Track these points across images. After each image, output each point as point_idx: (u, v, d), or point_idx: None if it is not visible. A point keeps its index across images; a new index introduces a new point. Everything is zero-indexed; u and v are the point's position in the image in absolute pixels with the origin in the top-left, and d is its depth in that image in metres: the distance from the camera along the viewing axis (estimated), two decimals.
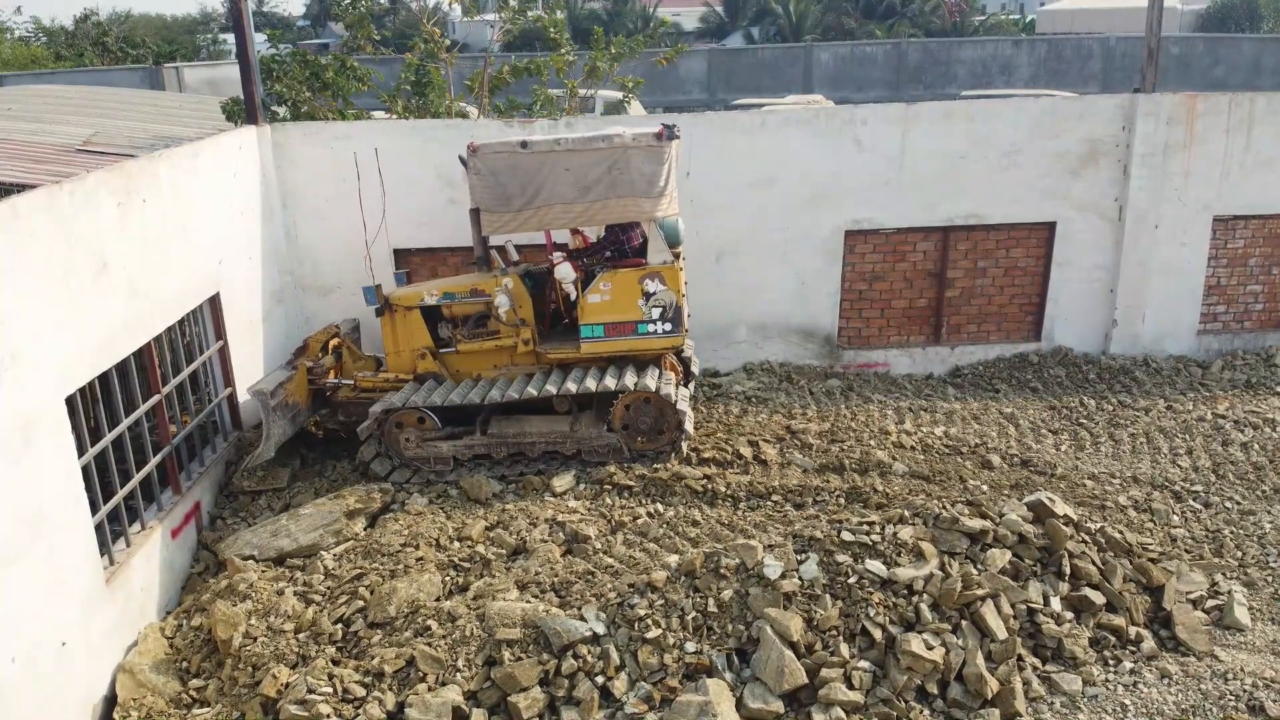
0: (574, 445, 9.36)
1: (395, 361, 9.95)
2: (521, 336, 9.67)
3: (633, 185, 9.20)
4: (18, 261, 6.35)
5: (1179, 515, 8.64)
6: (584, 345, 9.51)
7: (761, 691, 6.10)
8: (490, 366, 9.86)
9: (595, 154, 9.13)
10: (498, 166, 9.16)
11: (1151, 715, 6.25)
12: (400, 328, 9.86)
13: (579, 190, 9.20)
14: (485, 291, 9.75)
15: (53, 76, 30.34)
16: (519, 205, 9.24)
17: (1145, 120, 11.72)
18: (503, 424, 9.46)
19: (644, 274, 9.42)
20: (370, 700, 6.15)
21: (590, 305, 9.40)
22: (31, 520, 6.28)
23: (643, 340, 9.55)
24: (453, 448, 9.38)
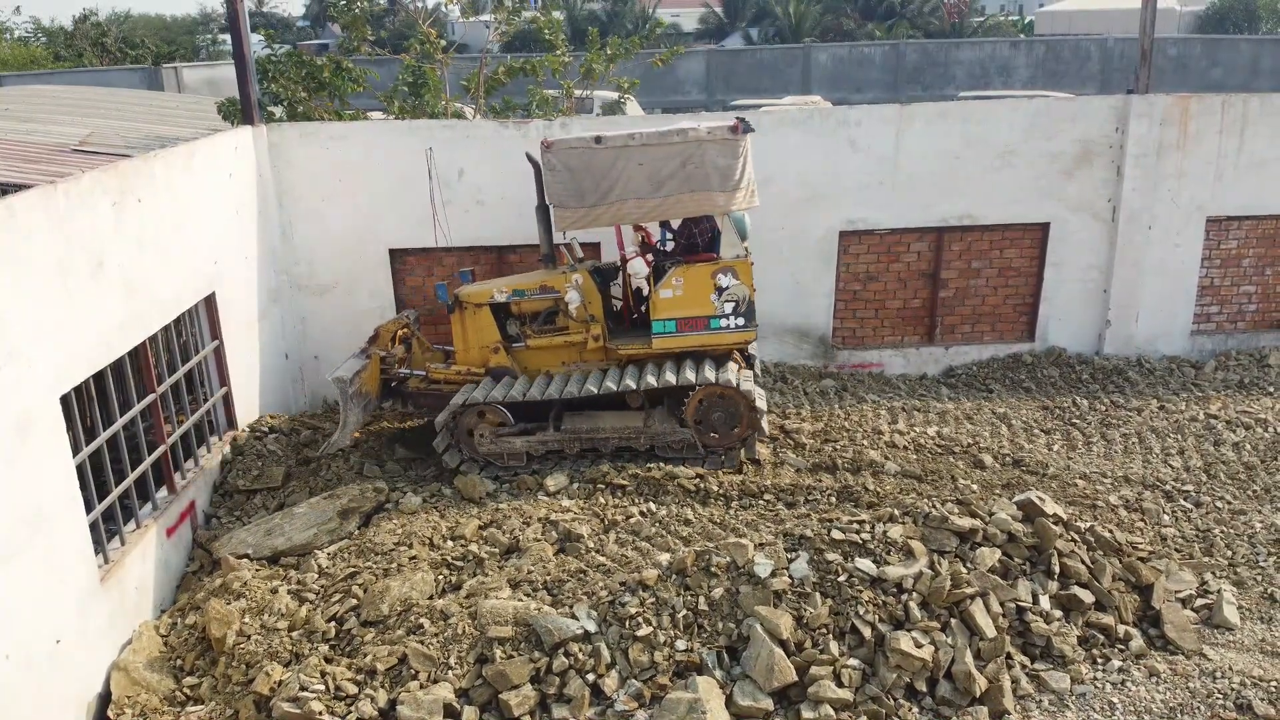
0: (647, 440, 9.34)
1: (464, 357, 9.97)
2: (592, 332, 9.66)
3: (707, 179, 9.19)
4: (13, 260, 6.38)
5: (1169, 515, 8.68)
6: (656, 341, 9.48)
7: (751, 689, 6.14)
8: (559, 362, 9.87)
9: (670, 148, 9.12)
10: (573, 162, 9.08)
11: (1139, 713, 6.29)
12: (470, 324, 9.87)
13: (653, 185, 9.18)
14: (555, 288, 9.74)
15: (51, 77, 30.36)
16: (593, 200, 9.18)
17: (1139, 121, 11.76)
18: (576, 419, 9.42)
19: (717, 268, 9.41)
20: (362, 698, 6.18)
21: (662, 300, 9.37)
22: (26, 519, 6.31)
23: (715, 335, 9.53)
24: (526, 443, 9.36)
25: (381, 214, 11.52)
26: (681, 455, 9.38)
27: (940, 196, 12.01)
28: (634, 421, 9.39)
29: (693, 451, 9.39)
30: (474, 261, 11.91)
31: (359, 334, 11.80)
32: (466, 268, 11.08)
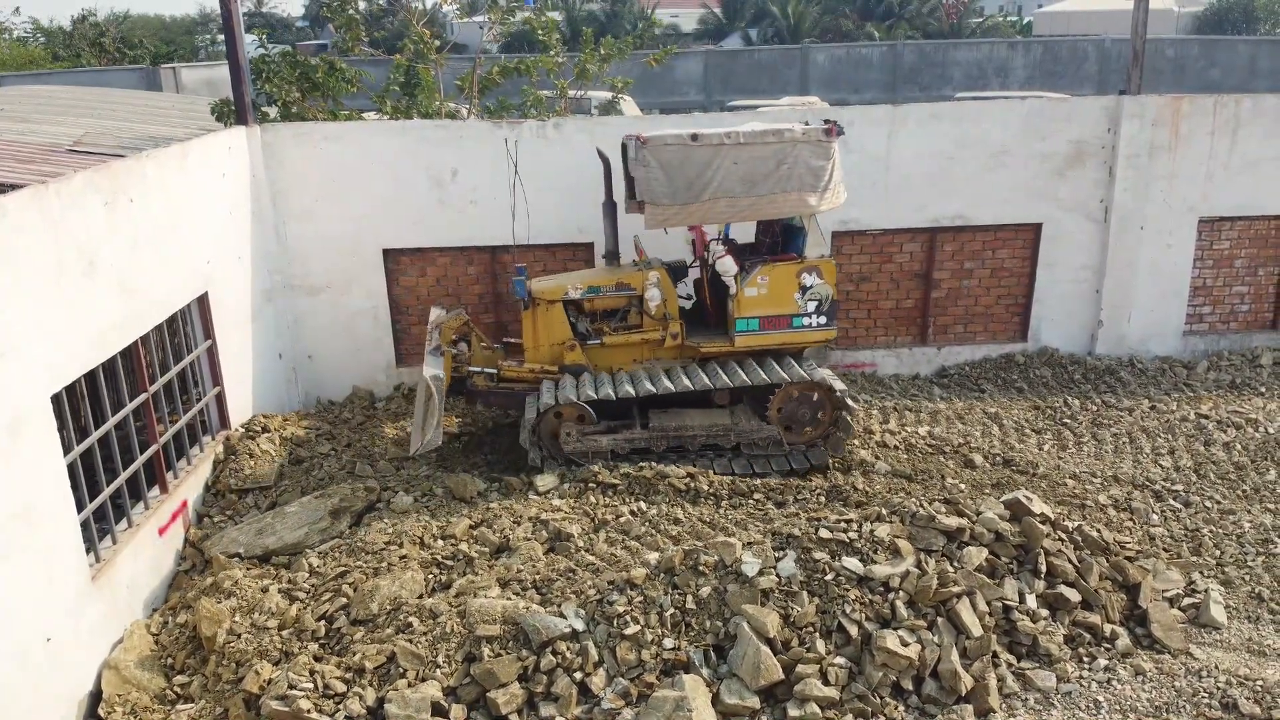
0: (735, 438, 9.36)
1: (534, 354, 9.89)
2: (670, 330, 9.69)
3: (800, 180, 9.26)
4: (4, 259, 6.40)
5: (1158, 514, 8.71)
6: (738, 338, 9.54)
7: (738, 688, 6.16)
8: (631, 360, 9.87)
9: (766, 148, 9.17)
10: (668, 159, 9.07)
11: (1125, 712, 6.31)
12: (541, 321, 9.78)
13: (746, 184, 9.22)
14: (631, 285, 9.75)
15: (50, 77, 30.37)
16: (686, 198, 9.16)
17: (1130, 122, 11.80)
18: (663, 417, 9.39)
19: (802, 267, 9.48)
20: (351, 696, 6.20)
21: (747, 299, 9.42)
22: (18, 516, 6.32)
23: (797, 334, 9.62)
24: (612, 441, 9.27)
25: (375, 214, 11.54)
26: (766, 453, 9.43)
27: (933, 197, 12.04)
28: (722, 419, 9.40)
29: (778, 449, 9.44)
30: (467, 262, 11.95)
31: (353, 335, 11.87)
32: (523, 264, 10.82)
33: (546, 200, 11.13)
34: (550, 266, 11.81)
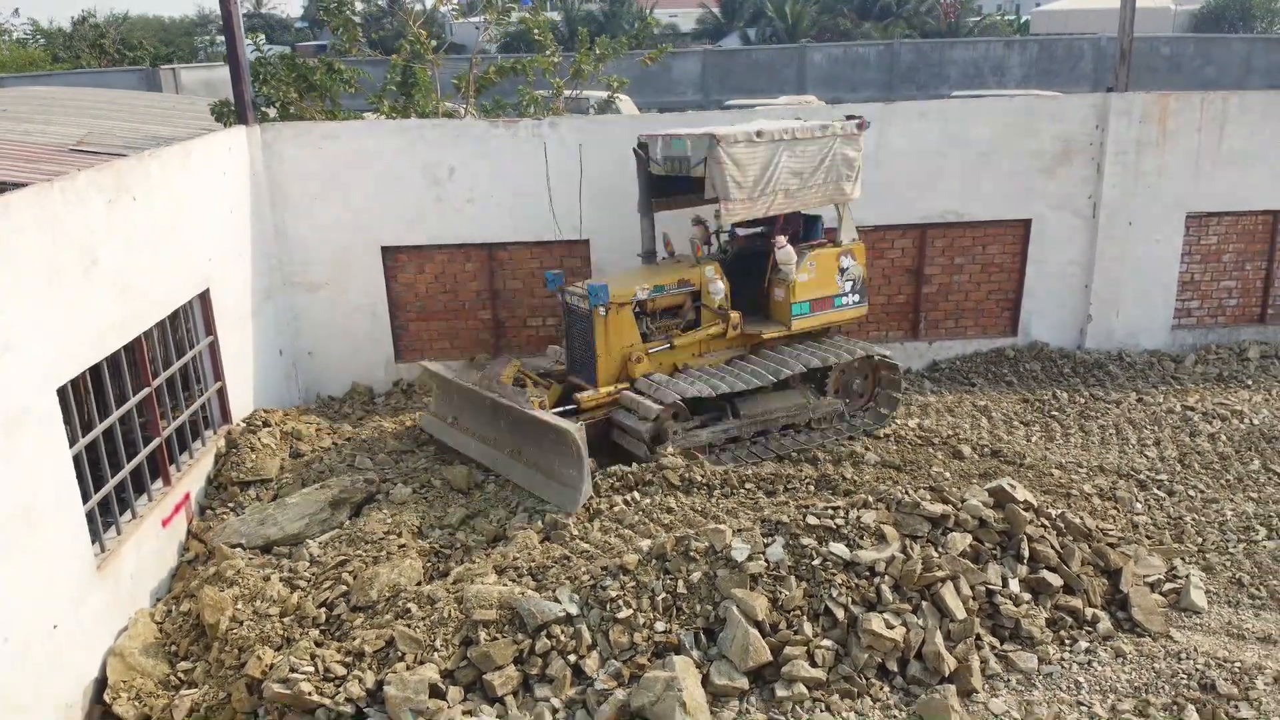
0: (807, 415, 9.85)
1: (607, 362, 9.76)
2: (732, 321, 10.05)
3: (840, 172, 10.01)
4: (9, 256, 6.56)
5: (1142, 503, 8.87)
6: (795, 322, 10.08)
7: (727, 669, 6.33)
8: (693, 355, 10.14)
9: (813, 143, 9.78)
10: (739, 156, 9.40)
11: (1105, 692, 6.47)
12: (613, 325, 9.70)
13: (798, 177, 9.76)
14: (691, 281, 10.05)
15: (50, 78, 30.53)
16: (753, 193, 9.54)
17: (1118, 119, 11.96)
18: (750, 405, 9.70)
19: (841, 251, 10.19)
20: (351, 679, 6.37)
21: (801, 284, 9.97)
22: (23, 506, 6.48)
23: (839, 312, 10.35)
24: (711, 434, 9.51)
25: (373, 212, 11.71)
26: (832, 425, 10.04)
27: (923, 194, 12.21)
28: (797, 400, 9.86)
29: (841, 421, 10.09)
30: (465, 259, 12.12)
31: (352, 332, 12.04)
32: (557, 270, 11.04)
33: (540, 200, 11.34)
34: (547, 263, 11.99)
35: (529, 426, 8.89)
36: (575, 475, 8.45)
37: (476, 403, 9.57)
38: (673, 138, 9.87)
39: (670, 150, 9.92)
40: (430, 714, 6.10)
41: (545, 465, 8.79)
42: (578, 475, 8.43)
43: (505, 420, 9.25)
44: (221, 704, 6.78)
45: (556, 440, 8.55)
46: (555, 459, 8.65)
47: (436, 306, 12.23)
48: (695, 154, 9.54)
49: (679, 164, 9.85)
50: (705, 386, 9.41)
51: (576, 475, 8.44)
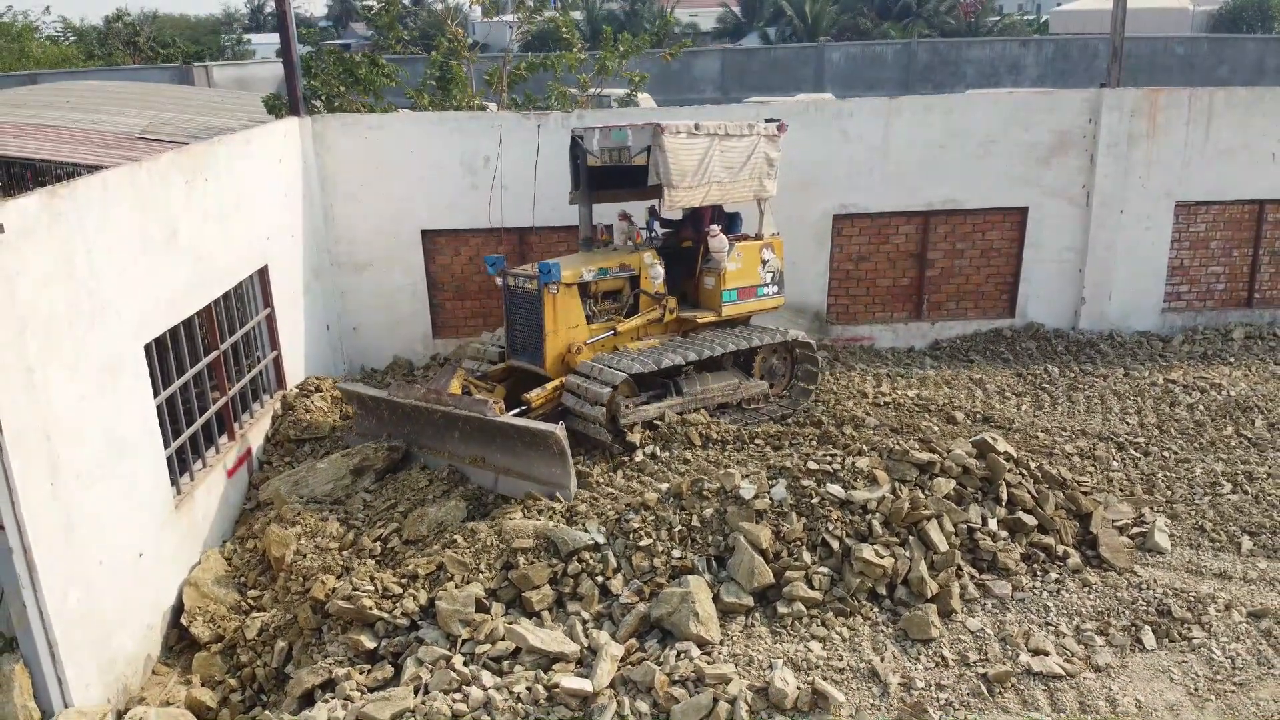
0: (739, 395, 10.46)
1: (554, 342, 9.82)
2: (669, 306, 10.53)
3: (763, 169, 10.70)
4: (108, 226, 7.49)
5: (1119, 462, 9.67)
6: (725, 308, 10.67)
7: (735, 589, 7.20)
8: (630, 339, 10.39)
9: (743, 139, 10.45)
10: (679, 146, 9.89)
11: (1070, 615, 7.29)
12: (561, 306, 9.78)
13: (729, 171, 10.38)
14: (632, 266, 10.39)
15: (86, 75, 31.57)
16: (692, 181, 10.05)
17: (1110, 113, 12.75)
18: (691, 384, 10.16)
19: (763, 244, 10.85)
20: (406, 596, 7.27)
21: (731, 273, 10.57)
22: (119, 441, 7.42)
23: (761, 301, 10.98)
24: (658, 409, 9.79)
25: (414, 198, 12.63)
26: (757, 407, 10.63)
27: (926, 183, 13.03)
28: (731, 380, 10.46)
29: (766, 403, 10.72)
30: (497, 243, 13.01)
31: (394, 309, 12.96)
32: (497, 254, 11.56)
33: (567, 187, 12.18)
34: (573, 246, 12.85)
35: (500, 433, 8.90)
36: (560, 473, 8.57)
37: (422, 417, 9.49)
38: (612, 128, 10.18)
39: (608, 141, 10.18)
40: (476, 624, 7.00)
41: (521, 469, 8.82)
42: (562, 473, 8.56)
43: (462, 431, 9.21)
44: (289, 624, 7.68)
45: (534, 443, 8.64)
46: (534, 461, 8.73)
47: (471, 287, 13.13)
48: (637, 143, 9.92)
49: (618, 154, 10.14)
50: (651, 362, 9.63)
51: (561, 473, 8.57)
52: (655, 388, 10.06)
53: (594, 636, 6.84)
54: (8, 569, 6.06)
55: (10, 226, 6.10)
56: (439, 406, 9.26)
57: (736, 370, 10.64)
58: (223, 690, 7.37)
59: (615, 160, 10.26)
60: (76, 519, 6.76)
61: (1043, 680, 6.64)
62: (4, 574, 6.10)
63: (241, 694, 7.36)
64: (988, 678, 6.64)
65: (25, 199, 6.44)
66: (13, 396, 6.09)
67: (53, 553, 6.39)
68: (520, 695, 6.38)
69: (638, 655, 6.73)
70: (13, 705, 6.17)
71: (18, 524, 6.05)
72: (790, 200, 12.93)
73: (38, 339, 6.43)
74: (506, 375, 10.47)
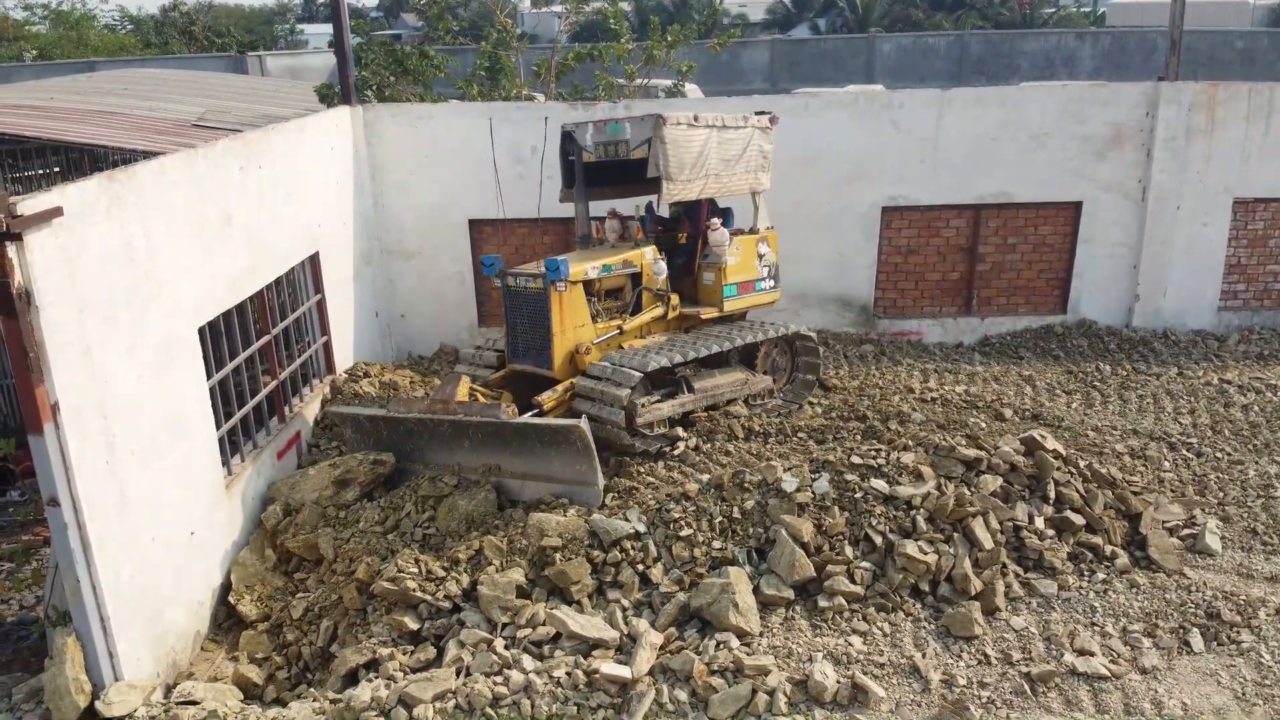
0: (748, 390, 10.37)
1: (562, 342, 9.47)
2: (672, 303, 10.30)
3: (758, 161, 10.60)
4: (165, 210, 7.64)
5: (1170, 462, 9.50)
6: (727, 303, 10.47)
7: (775, 582, 7.19)
8: (635, 336, 10.12)
9: (740, 131, 10.34)
10: (680, 137, 9.70)
11: (1117, 616, 7.19)
12: (567, 304, 9.45)
13: (725, 163, 10.23)
14: (634, 263, 10.08)
15: (142, 64, 32.12)
16: (691, 174, 9.86)
17: (1168, 106, 12.50)
18: (702, 380, 9.97)
19: (759, 238, 10.71)
20: (449, 579, 7.35)
21: (731, 267, 10.41)
22: (173, 420, 7.56)
23: (759, 295, 10.80)
24: (671, 407, 9.59)
25: (462, 187, 12.72)
26: (762, 403, 10.49)
27: (978, 176, 12.87)
28: (740, 375, 10.36)
29: (770, 397, 10.58)
30: (543, 233, 13.07)
31: (441, 297, 13.08)
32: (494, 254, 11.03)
33: None
34: None
35: (516, 436, 8.55)
36: (585, 469, 8.28)
37: (426, 431, 9.04)
38: (607, 122, 10.01)
39: (603, 135, 9.95)
40: (516, 610, 7.06)
41: (542, 471, 8.53)
42: (588, 469, 8.26)
43: (473, 439, 8.80)
44: (334, 604, 7.80)
45: (554, 441, 8.34)
46: (555, 460, 8.43)
47: None
48: (636, 136, 9.68)
49: (614, 148, 9.91)
50: (665, 359, 9.38)
51: (587, 469, 8.27)
52: (666, 386, 9.80)
53: (633, 624, 6.87)
54: (63, 544, 6.20)
55: (70, 209, 6.24)
56: (447, 416, 8.77)
57: (742, 366, 10.53)
58: (269, 667, 7.51)
59: (613, 155, 10.00)
60: (131, 496, 6.90)
61: (1087, 681, 6.56)
62: (59, 549, 6.25)
63: (287, 671, 7.49)
64: (1031, 677, 6.57)
65: (85, 182, 6.59)
66: (71, 375, 6.24)
67: (107, 529, 6.54)
68: (560, 680, 6.43)
69: (677, 644, 6.75)
70: (65, 677, 6.33)
71: (73, 500, 6.20)
72: (839, 192, 12.89)
73: (96, 320, 6.58)
74: (507, 381, 9.96)
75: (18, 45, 36.81)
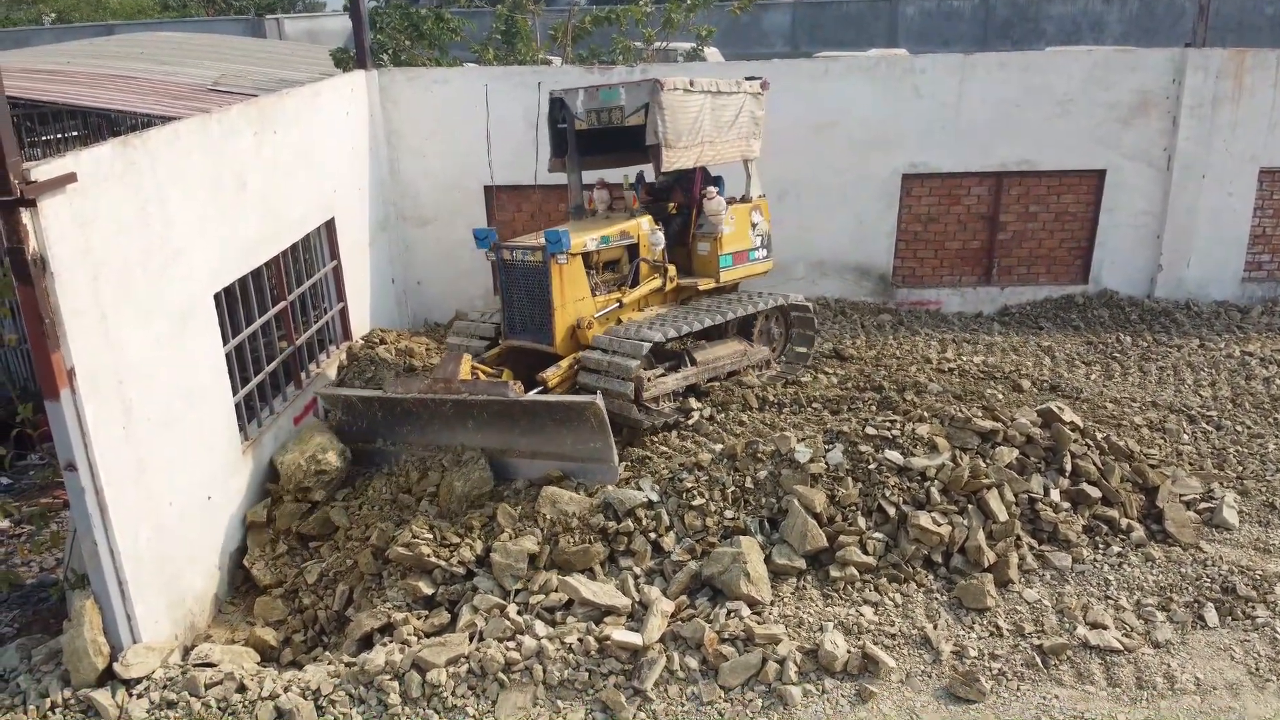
0: (745, 362, 10.30)
1: (563, 317, 9.18)
2: (670, 275, 10.10)
3: (749, 128, 10.38)
4: (179, 176, 7.63)
5: (1189, 435, 9.41)
6: (723, 274, 10.29)
7: (787, 551, 7.19)
8: (635, 309, 9.94)
9: (732, 98, 10.11)
10: (677, 102, 9.45)
11: (1132, 590, 7.16)
12: (568, 277, 9.17)
13: (719, 129, 10.00)
14: (631, 234, 9.83)
15: (160, 26, 32.00)
16: (689, 141, 9.61)
17: (1195, 74, 12.27)
18: (704, 352, 9.90)
19: (752, 207, 10.52)
20: (463, 546, 7.39)
21: (727, 237, 10.23)
22: (188, 388, 7.60)
23: (752, 265, 10.65)
24: (675, 381, 9.48)
25: (477, 152, 12.61)
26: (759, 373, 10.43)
27: (1000, 142, 12.70)
28: (739, 346, 10.32)
29: (766, 368, 10.50)
30: (559, 199, 12.98)
31: (456, 263, 13.04)
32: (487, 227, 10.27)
33: None
34: None
35: (526, 414, 8.28)
36: (601, 447, 8.06)
37: (426, 411, 8.70)
38: (599, 88, 9.69)
39: (595, 102, 9.67)
40: (528, 578, 7.10)
41: (554, 449, 8.27)
42: (604, 446, 8.05)
43: (477, 419, 8.50)
44: (349, 569, 7.86)
45: (568, 418, 8.11)
46: (567, 438, 8.19)
47: None
48: (632, 102, 9.41)
49: (607, 115, 9.63)
50: (671, 330, 9.19)
51: (603, 446, 8.05)
52: (668, 360, 9.65)
53: (645, 592, 6.90)
54: (80, 508, 6.26)
55: (84, 175, 6.24)
56: (451, 396, 8.43)
57: (739, 337, 10.44)
58: (285, 630, 7.59)
59: (606, 122, 9.71)
60: (148, 461, 6.96)
61: (1099, 654, 6.55)
62: (76, 513, 6.31)
63: (304, 634, 7.57)
64: (1043, 649, 6.56)
65: (99, 148, 6.57)
66: (87, 341, 6.26)
67: (124, 493, 6.59)
68: (572, 646, 6.48)
69: (688, 612, 6.78)
70: (83, 639, 6.42)
71: (90, 465, 6.24)
72: (858, 159, 12.75)
73: (111, 286, 6.59)
74: (502, 357, 9.67)
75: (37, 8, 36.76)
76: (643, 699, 6.23)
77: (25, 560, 8.80)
